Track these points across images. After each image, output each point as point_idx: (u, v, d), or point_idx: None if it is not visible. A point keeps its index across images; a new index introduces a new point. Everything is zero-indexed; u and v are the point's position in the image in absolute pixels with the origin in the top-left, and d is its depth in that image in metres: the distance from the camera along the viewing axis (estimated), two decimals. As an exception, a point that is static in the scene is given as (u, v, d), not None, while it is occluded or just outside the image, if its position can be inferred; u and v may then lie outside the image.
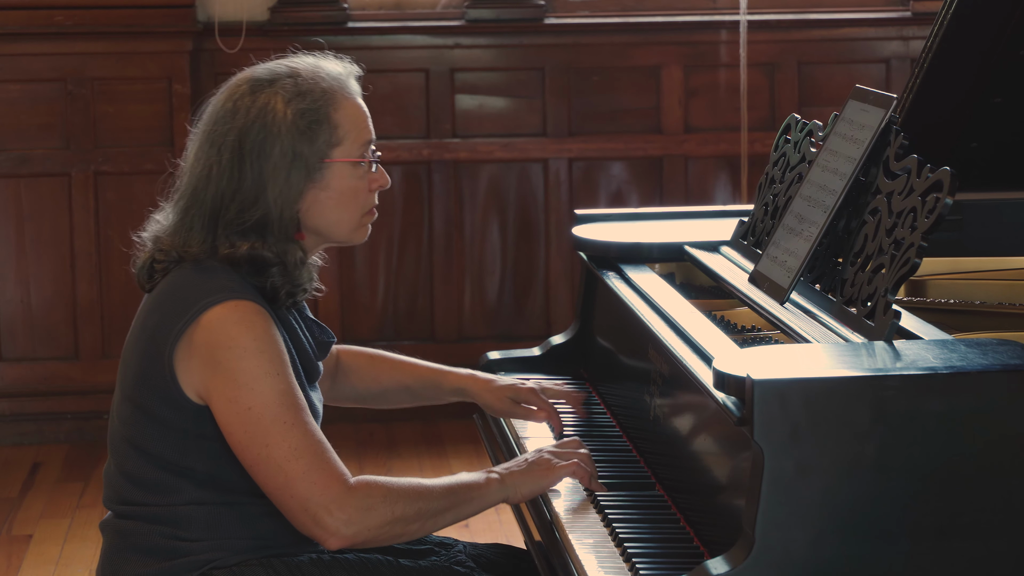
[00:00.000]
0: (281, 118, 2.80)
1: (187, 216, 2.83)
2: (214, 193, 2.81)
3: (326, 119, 2.82)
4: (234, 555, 2.80)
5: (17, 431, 6.27)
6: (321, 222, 2.86)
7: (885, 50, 6.56)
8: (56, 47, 6.17)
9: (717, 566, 2.32)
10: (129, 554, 2.82)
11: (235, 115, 2.81)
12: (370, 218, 2.91)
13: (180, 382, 2.76)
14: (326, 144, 2.82)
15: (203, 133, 2.85)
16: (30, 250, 6.25)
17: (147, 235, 2.90)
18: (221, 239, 2.80)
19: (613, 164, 6.53)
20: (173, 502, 2.80)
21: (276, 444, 2.71)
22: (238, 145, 2.80)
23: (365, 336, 6.41)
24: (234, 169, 2.80)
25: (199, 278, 2.79)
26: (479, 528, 5.21)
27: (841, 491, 2.33)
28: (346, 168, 2.84)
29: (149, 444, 2.80)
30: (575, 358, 3.69)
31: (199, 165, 2.84)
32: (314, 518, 2.71)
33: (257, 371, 2.71)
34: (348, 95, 2.86)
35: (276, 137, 2.79)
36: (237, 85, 2.85)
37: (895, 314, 2.62)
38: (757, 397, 2.32)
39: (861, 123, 2.96)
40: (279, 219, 2.80)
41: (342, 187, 2.85)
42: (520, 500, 2.87)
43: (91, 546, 5.18)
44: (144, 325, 2.83)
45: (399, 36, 6.43)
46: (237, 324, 2.73)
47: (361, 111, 2.87)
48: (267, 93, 2.82)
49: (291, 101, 2.81)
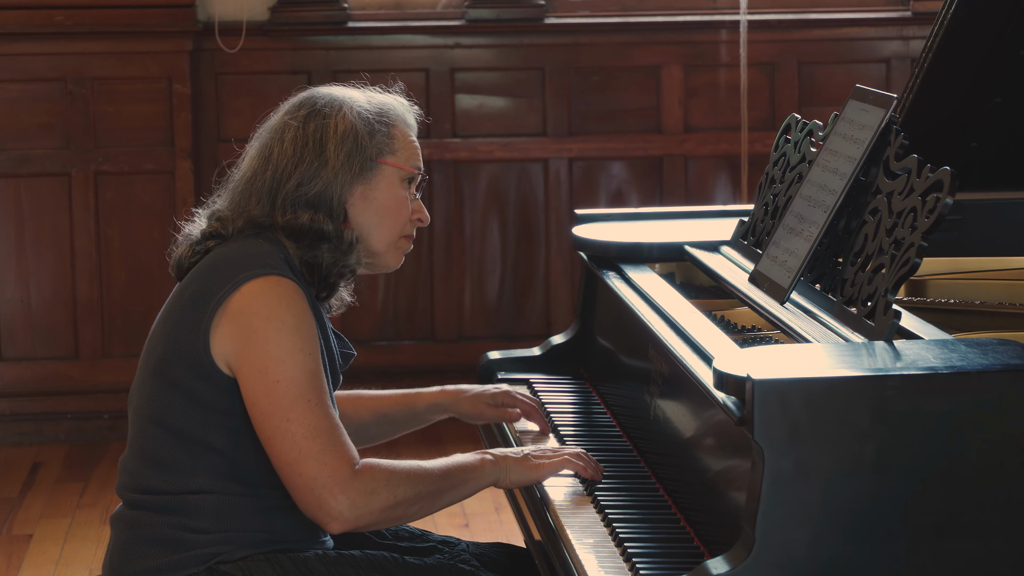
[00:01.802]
0: (347, 111, 2.91)
1: (250, 187, 2.92)
2: (273, 170, 2.90)
3: (386, 128, 2.94)
4: (241, 549, 2.82)
5: (17, 431, 6.27)
6: (364, 222, 2.93)
7: (885, 50, 6.56)
8: (56, 47, 6.17)
9: (717, 566, 2.32)
10: (138, 546, 2.84)
11: (299, 108, 2.94)
12: (406, 244, 2.99)
13: (212, 351, 2.80)
14: (383, 147, 2.93)
15: (267, 130, 2.96)
16: (30, 250, 6.25)
17: (202, 212, 2.98)
18: (284, 207, 2.88)
19: (613, 164, 6.53)
20: (185, 488, 2.82)
21: (297, 419, 2.74)
22: (302, 129, 2.90)
23: (365, 336, 6.41)
24: (296, 147, 2.89)
25: (242, 253, 2.85)
26: (479, 527, 5.22)
27: (841, 491, 2.33)
28: (395, 177, 2.94)
29: (173, 418, 2.82)
30: (575, 358, 3.69)
31: (258, 154, 2.93)
32: (319, 499, 2.74)
33: (291, 346, 2.76)
34: (407, 126, 2.99)
35: (338, 124, 2.90)
36: (309, 94, 2.98)
37: (895, 314, 2.62)
38: (757, 397, 2.33)
39: (861, 123, 2.96)
40: (332, 199, 2.89)
41: (388, 195, 2.94)
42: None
43: (91, 546, 5.18)
44: (181, 296, 2.88)
45: (399, 36, 6.43)
46: (278, 298, 2.79)
47: (415, 143, 2.99)
48: (335, 102, 2.94)
49: (355, 107, 2.93)
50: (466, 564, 2.94)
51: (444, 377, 6.51)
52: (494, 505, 5.31)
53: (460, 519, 5.27)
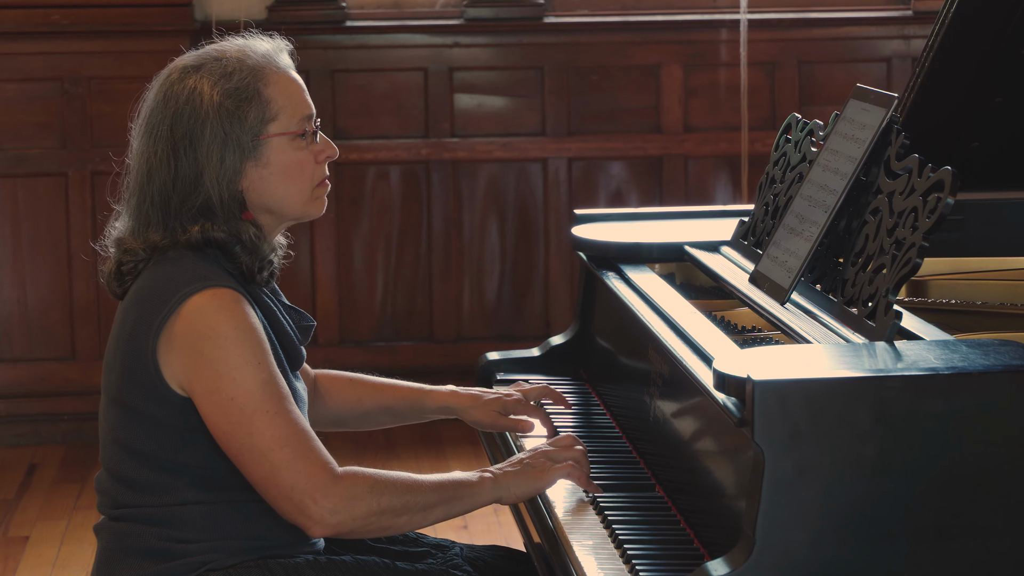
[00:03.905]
0: (208, 101, 2.80)
1: (141, 213, 2.84)
2: (158, 185, 2.81)
3: (256, 95, 2.81)
4: (230, 557, 2.79)
5: (13, 432, 6.26)
6: (269, 199, 2.85)
7: (886, 49, 6.55)
8: (53, 46, 6.16)
9: (717, 568, 2.32)
10: (125, 556, 2.81)
11: (166, 104, 2.82)
12: (323, 190, 2.89)
13: (164, 376, 2.75)
14: (259, 121, 2.81)
15: (141, 127, 2.86)
16: (26, 250, 6.24)
17: (109, 240, 2.90)
18: (176, 227, 2.80)
19: (612, 164, 6.52)
20: (168, 502, 2.78)
21: (260, 433, 2.70)
22: (170, 134, 2.80)
23: (363, 337, 6.40)
24: (170, 158, 2.80)
25: (174, 270, 2.78)
26: (478, 529, 5.21)
27: (842, 492, 2.33)
28: (284, 142, 2.83)
29: (140, 444, 2.78)
30: (574, 359, 3.68)
31: (141, 160, 2.85)
32: (299, 506, 2.70)
33: (238, 360, 2.71)
34: (279, 69, 2.85)
35: (205, 120, 2.79)
36: (168, 75, 2.86)
37: (896, 314, 2.62)
38: (757, 398, 2.32)
39: (862, 122, 2.95)
40: (221, 201, 2.80)
41: (284, 161, 2.84)
42: (513, 501, 2.86)
43: (88, 548, 5.16)
44: (123, 324, 2.82)
45: (397, 35, 6.42)
46: (216, 313, 2.72)
47: (295, 84, 2.86)
48: (195, 78, 2.82)
49: (218, 82, 2.81)
50: (458, 569, 2.92)
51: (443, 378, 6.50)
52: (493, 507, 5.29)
53: (459, 520, 5.26)
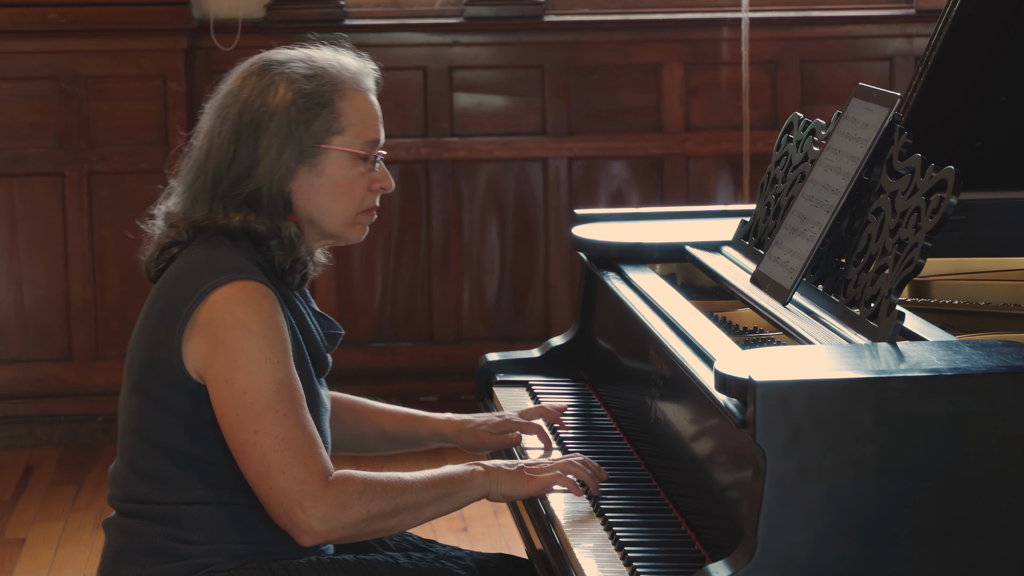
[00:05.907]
0: (282, 96, 2.82)
1: (192, 188, 2.86)
2: (214, 165, 2.83)
3: (329, 105, 2.83)
4: (233, 560, 2.79)
5: (10, 433, 6.25)
6: (313, 209, 2.85)
7: (888, 48, 6.55)
8: (50, 45, 6.16)
9: (719, 570, 2.31)
10: (130, 554, 2.81)
11: (242, 90, 2.85)
12: (368, 218, 2.90)
13: (184, 361, 2.75)
14: (324, 130, 2.83)
15: (212, 108, 2.88)
16: (23, 250, 6.23)
17: (159, 213, 2.92)
18: (219, 210, 2.82)
19: (613, 163, 6.51)
20: (178, 500, 2.78)
21: (264, 432, 2.70)
22: (238, 118, 2.82)
23: (363, 337, 6.39)
24: (231, 142, 2.82)
25: (208, 259, 2.79)
26: (478, 531, 5.20)
27: (844, 494, 2.32)
28: (343, 158, 2.84)
29: (158, 433, 2.79)
30: (575, 359, 3.68)
31: (205, 139, 2.87)
32: (288, 513, 2.70)
33: (258, 355, 2.71)
34: (359, 88, 2.87)
35: (273, 114, 2.81)
36: (251, 63, 2.89)
37: (899, 315, 2.62)
38: (759, 399, 2.32)
39: (864, 122, 2.95)
40: (269, 195, 2.81)
41: (338, 176, 2.84)
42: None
43: (85, 550, 5.16)
44: (152, 309, 2.83)
45: (396, 34, 6.41)
46: (244, 305, 2.73)
47: (371, 107, 2.88)
48: (275, 73, 2.84)
49: (295, 82, 2.83)
50: (461, 567, 2.91)
51: (442, 379, 6.54)
52: (493, 509, 5.29)
53: (458, 523, 5.26)
